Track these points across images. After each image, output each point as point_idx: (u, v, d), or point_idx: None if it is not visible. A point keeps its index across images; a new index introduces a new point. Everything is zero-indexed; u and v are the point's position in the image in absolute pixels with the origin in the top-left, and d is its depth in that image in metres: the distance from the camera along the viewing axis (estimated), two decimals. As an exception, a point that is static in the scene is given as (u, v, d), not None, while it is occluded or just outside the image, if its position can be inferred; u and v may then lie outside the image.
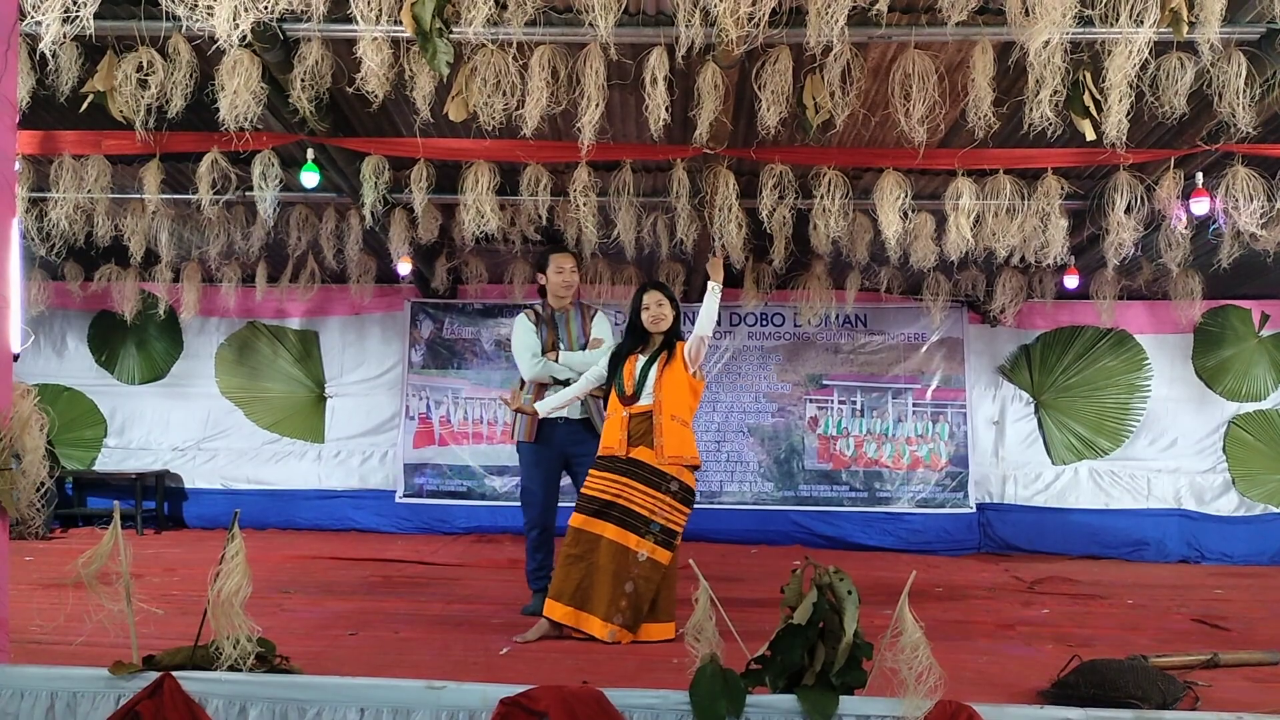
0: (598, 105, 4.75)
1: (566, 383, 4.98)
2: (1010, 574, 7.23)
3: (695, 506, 4.56)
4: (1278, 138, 5.23)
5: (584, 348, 5.04)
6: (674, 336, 4.61)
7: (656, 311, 4.57)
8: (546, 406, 4.83)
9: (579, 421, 5.00)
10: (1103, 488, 8.77)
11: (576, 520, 4.41)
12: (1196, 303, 8.01)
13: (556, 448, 5.03)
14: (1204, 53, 4.24)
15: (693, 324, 4.53)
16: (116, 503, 3.43)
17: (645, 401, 4.48)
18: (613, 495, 4.38)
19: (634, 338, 4.65)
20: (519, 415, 5.09)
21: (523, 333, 5.09)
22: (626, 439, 4.45)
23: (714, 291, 4.50)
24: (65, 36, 4.24)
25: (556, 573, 4.41)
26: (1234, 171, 5.52)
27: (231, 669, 3.06)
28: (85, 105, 4.99)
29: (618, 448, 4.45)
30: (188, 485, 9.10)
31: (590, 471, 4.52)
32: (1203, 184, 5.84)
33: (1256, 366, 8.83)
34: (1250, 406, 8.80)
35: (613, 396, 4.59)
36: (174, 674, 3.00)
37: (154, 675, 3.01)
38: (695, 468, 4.51)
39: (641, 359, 4.57)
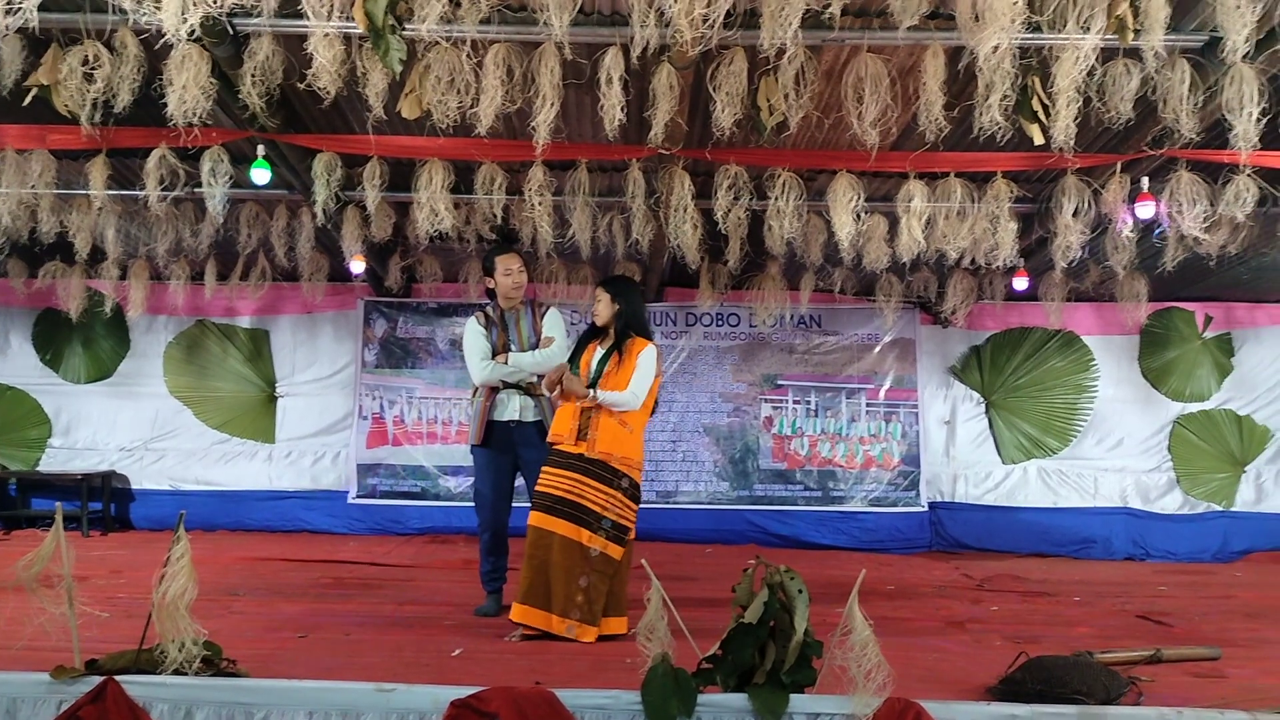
0: (553, 104, 4.73)
1: (519, 385, 4.97)
2: (960, 572, 7.32)
3: (650, 505, 4.59)
4: (1220, 143, 5.32)
5: (535, 347, 5.03)
6: (632, 330, 4.63)
7: (595, 307, 4.67)
8: (515, 361, 4.94)
9: (531, 424, 4.99)
10: (1051, 487, 8.91)
11: (533, 519, 4.42)
12: (1142, 305, 8.13)
13: (508, 451, 5.01)
14: (1149, 60, 4.32)
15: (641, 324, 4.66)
16: (59, 503, 3.36)
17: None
18: (564, 491, 4.39)
19: (593, 328, 4.73)
20: (473, 415, 5.07)
21: (473, 337, 5.06)
22: (576, 430, 4.47)
23: (594, 397, 4.50)
24: (8, 29, 4.14)
25: (520, 573, 4.42)
26: (1178, 176, 5.62)
27: (177, 673, 3.02)
28: (29, 99, 4.89)
29: (567, 437, 4.47)
30: (135, 486, 8.94)
31: (544, 468, 4.51)
32: (1148, 188, 5.95)
33: (1200, 367, 9.02)
34: (1194, 407, 8.99)
35: None
36: (117, 678, 2.96)
37: (97, 679, 2.96)
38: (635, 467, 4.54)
39: (600, 351, 4.61)
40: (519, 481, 5.09)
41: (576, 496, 4.37)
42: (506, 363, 4.98)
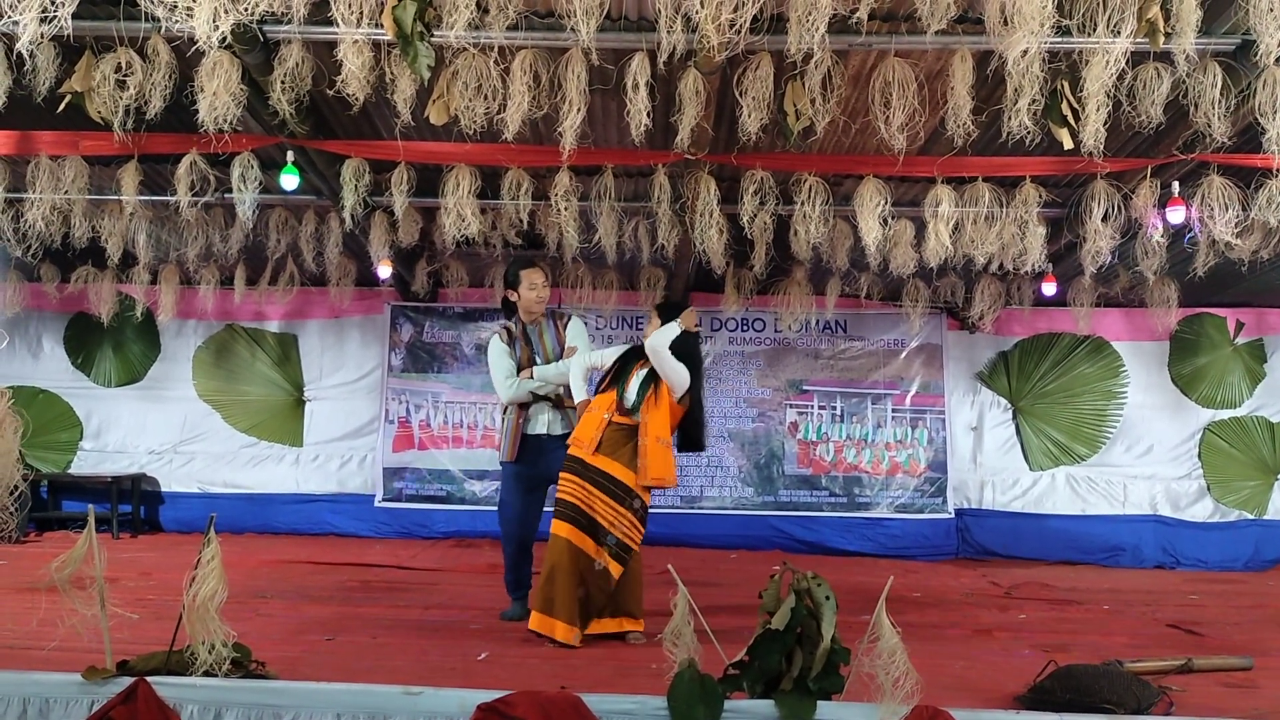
0: (579, 110, 4.75)
1: (548, 399, 4.97)
2: (987, 579, 7.26)
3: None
4: (1252, 147, 5.27)
5: (560, 358, 4.99)
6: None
7: (646, 329, 4.67)
8: (540, 375, 4.91)
9: (560, 437, 4.94)
10: (1079, 494, 8.83)
11: (553, 526, 4.46)
12: (1172, 310, 8.07)
13: (540, 468, 4.97)
14: (1180, 63, 4.29)
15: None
16: (91, 506, 3.41)
17: (635, 417, 4.49)
18: (578, 500, 4.44)
19: (640, 347, 4.67)
20: (505, 431, 5.05)
21: (497, 357, 5.03)
22: (597, 442, 4.47)
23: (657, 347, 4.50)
24: (43, 36, 4.20)
25: (538, 582, 4.46)
26: (1209, 181, 5.57)
27: (206, 674, 3.03)
28: (63, 106, 4.95)
29: (587, 447, 4.48)
30: (164, 489, 9.03)
31: (561, 474, 4.53)
32: (1178, 193, 5.90)
33: (1231, 374, 8.91)
34: (1225, 413, 8.88)
35: (609, 394, 4.57)
36: (148, 679, 2.98)
37: (128, 680, 2.98)
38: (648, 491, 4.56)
39: (641, 372, 4.58)
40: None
41: (588, 508, 4.42)
42: (532, 377, 4.97)
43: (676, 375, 4.49)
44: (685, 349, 4.53)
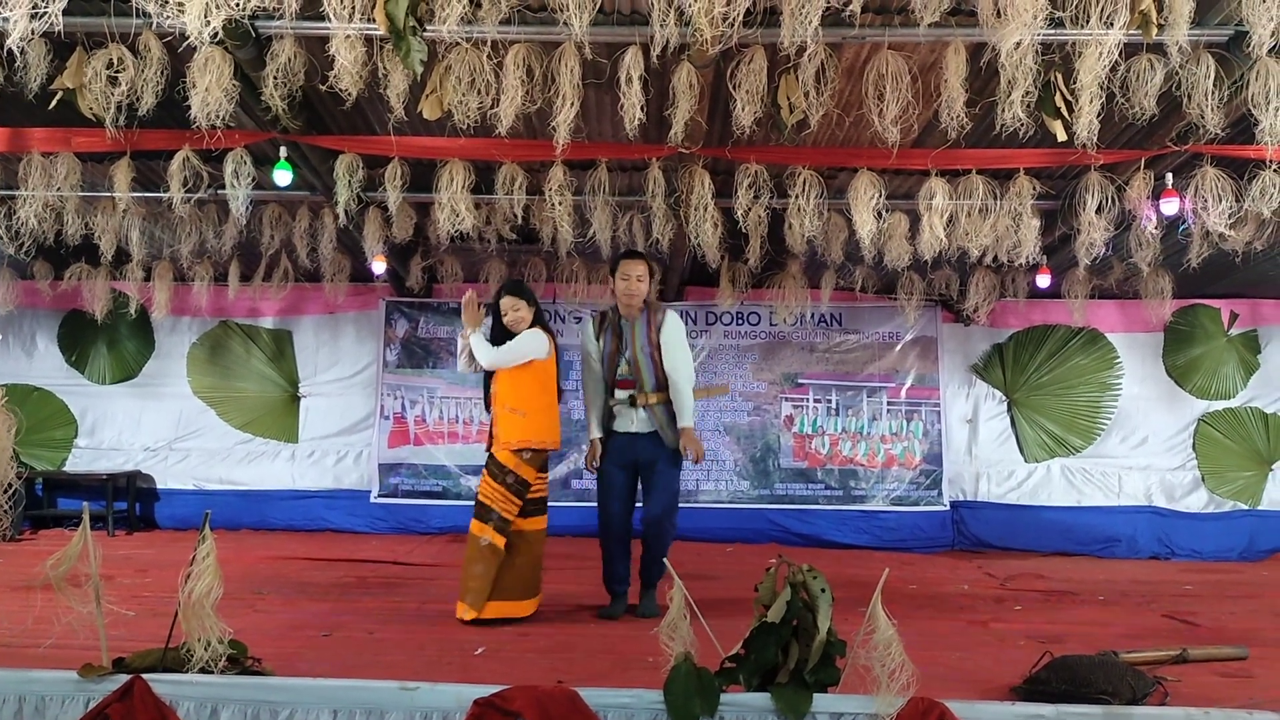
0: (573, 104, 4.74)
1: (631, 399, 5.07)
2: (983, 571, 7.28)
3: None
4: (1246, 139, 5.28)
5: (649, 354, 5.05)
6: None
7: (514, 316, 4.94)
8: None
9: (647, 435, 5.05)
10: (1074, 485, 8.85)
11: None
12: (1167, 302, 8.07)
13: (627, 462, 5.09)
14: (1173, 55, 4.29)
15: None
16: (85, 504, 3.39)
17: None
18: (481, 494, 4.81)
19: (503, 338, 4.98)
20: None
21: (583, 340, 5.26)
22: (489, 434, 4.90)
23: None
24: (33, 33, 4.19)
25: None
26: (1203, 172, 5.58)
27: (203, 671, 3.04)
28: (54, 102, 4.94)
29: (489, 443, 4.91)
30: (159, 486, 9.02)
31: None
32: (1172, 184, 5.90)
33: (1225, 365, 8.93)
34: (1219, 405, 8.90)
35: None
36: (144, 676, 2.98)
37: (124, 678, 2.99)
38: (538, 450, 4.81)
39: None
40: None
41: (479, 494, 4.76)
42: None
43: (512, 356, 4.89)
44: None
